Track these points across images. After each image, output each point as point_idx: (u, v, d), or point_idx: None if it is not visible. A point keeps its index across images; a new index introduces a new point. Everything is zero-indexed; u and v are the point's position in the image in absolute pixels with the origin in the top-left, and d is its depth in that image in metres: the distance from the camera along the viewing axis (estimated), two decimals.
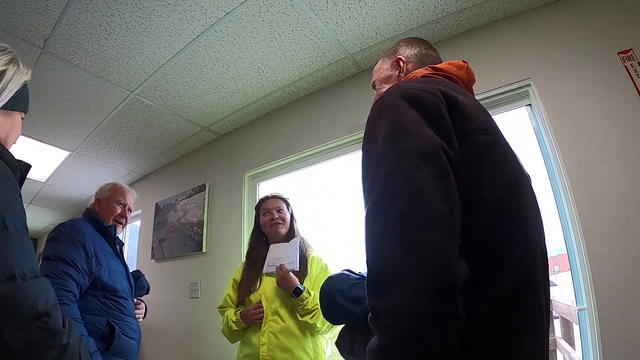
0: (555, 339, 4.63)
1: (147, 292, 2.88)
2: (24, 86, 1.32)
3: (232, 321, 2.45)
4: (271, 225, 2.64)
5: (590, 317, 2.05)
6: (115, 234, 2.57)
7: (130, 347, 2.30)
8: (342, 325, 1.42)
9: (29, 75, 1.34)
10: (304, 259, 2.53)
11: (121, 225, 2.68)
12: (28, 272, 0.99)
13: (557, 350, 4.58)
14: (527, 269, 0.90)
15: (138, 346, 2.42)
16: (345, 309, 1.31)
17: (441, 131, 0.90)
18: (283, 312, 2.38)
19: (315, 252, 2.68)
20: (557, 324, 4.89)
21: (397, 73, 1.41)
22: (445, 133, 0.91)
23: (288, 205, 2.78)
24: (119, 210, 2.64)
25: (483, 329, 0.81)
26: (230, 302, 2.61)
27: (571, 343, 4.42)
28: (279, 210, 2.69)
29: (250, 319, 2.41)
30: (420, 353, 0.71)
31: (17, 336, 0.90)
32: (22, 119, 1.38)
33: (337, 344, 1.39)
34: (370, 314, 0.80)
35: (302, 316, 2.33)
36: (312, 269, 2.53)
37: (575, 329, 4.30)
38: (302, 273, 2.45)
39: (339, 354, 1.39)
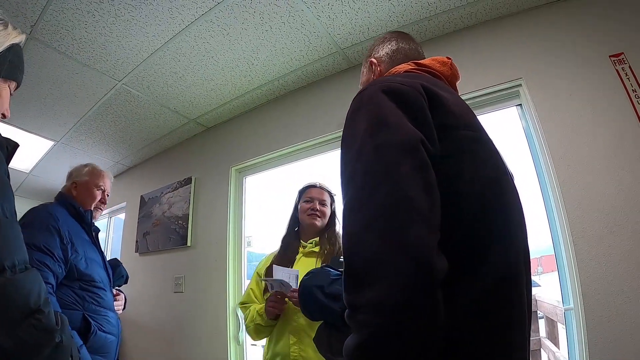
0: (539, 338, 4.67)
1: (126, 282, 2.74)
2: (9, 49, 1.18)
3: (259, 314, 2.25)
4: (309, 215, 2.47)
5: (576, 317, 2.06)
6: (91, 220, 2.44)
7: (108, 343, 2.18)
8: (320, 322, 1.40)
9: (20, 39, 1.21)
10: (340, 256, 2.27)
11: (100, 211, 2.57)
12: (18, 263, 0.92)
13: (542, 349, 4.62)
14: (509, 265, 0.89)
15: (117, 341, 2.29)
16: (324, 306, 1.29)
17: (421, 125, 0.89)
18: None
19: None
20: (541, 324, 4.93)
21: (372, 76, 1.41)
22: (425, 127, 0.89)
23: (333, 201, 2.59)
24: (100, 196, 2.52)
25: (466, 326, 0.80)
26: (253, 297, 2.42)
27: (555, 343, 4.45)
28: (322, 204, 2.51)
29: (270, 310, 2.19)
30: (398, 350, 0.69)
31: (8, 336, 0.84)
32: (10, 88, 1.23)
33: (315, 340, 1.37)
34: (347, 309, 0.78)
35: None
36: None
37: (560, 328, 4.33)
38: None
39: (317, 350, 1.37)
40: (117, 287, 2.58)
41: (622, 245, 2.00)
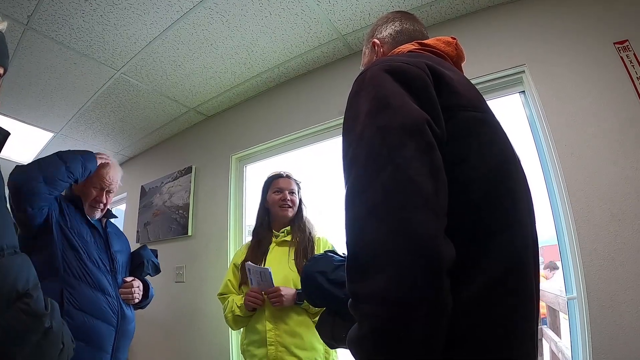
0: (541, 327, 4.66)
1: (152, 272, 2.55)
2: None
3: (237, 306, 2.33)
4: (280, 206, 2.52)
5: (580, 307, 2.05)
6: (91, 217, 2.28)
7: (90, 329, 1.96)
8: (323, 309, 1.39)
9: (3, 27, 1.20)
10: (310, 242, 2.46)
11: (95, 209, 2.31)
12: (7, 247, 0.90)
13: (544, 339, 4.61)
14: (516, 254, 0.85)
15: (114, 333, 2.09)
16: (327, 292, 1.28)
17: (426, 105, 0.85)
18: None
19: (320, 233, 2.58)
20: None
21: (374, 57, 1.36)
22: (430, 107, 0.86)
23: (299, 189, 2.66)
24: (94, 195, 2.29)
25: (469, 317, 0.77)
26: (231, 287, 2.51)
27: (557, 332, 4.44)
28: (292, 193, 2.57)
29: (249, 305, 2.29)
30: (403, 342, 0.67)
31: None
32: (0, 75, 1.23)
33: (318, 327, 1.36)
34: (350, 299, 0.75)
35: (314, 317, 2.27)
36: (320, 251, 2.36)
37: (562, 318, 4.32)
38: (309, 255, 2.36)
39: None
40: (136, 277, 2.40)
41: (626, 234, 1.99)
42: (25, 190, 1.87)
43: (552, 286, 4.22)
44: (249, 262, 2.33)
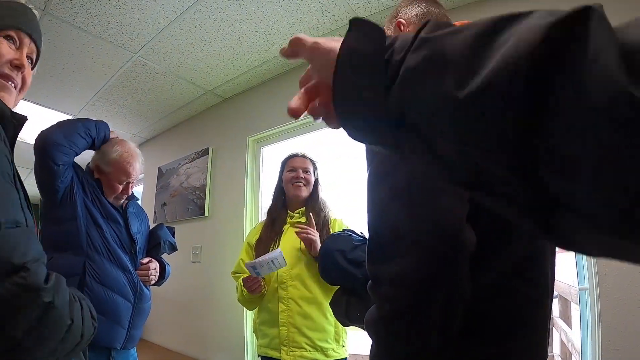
0: (552, 317, 4.61)
1: (169, 251, 2.58)
2: None
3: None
4: (293, 184, 2.49)
5: (591, 298, 2.03)
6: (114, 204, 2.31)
7: (110, 303, 2.01)
8: (338, 287, 1.40)
9: (38, 14, 1.20)
10: (326, 225, 2.45)
11: (118, 200, 2.33)
12: (5, 221, 0.86)
13: (554, 329, 4.58)
14: (535, 242, 0.84)
15: (132, 309, 2.15)
16: (345, 271, 1.28)
17: None
18: (305, 277, 2.31)
19: (335, 214, 2.58)
20: (555, 303, 4.86)
21: None
22: None
23: (315, 168, 2.62)
24: (120, 189, 2.28)
25: (486, 305, 0.76)
26: (243, 266, 2.46)
27: (568, 323, 4.41)
28: (306, 171, 2.53)
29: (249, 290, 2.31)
30: (421, 325, 0.68)
31: None
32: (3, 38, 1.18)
33: (332, 305, 1.37)
34: (370, 281, 0.76)
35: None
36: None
37: (573, 308, 4.29)
38: (324, 237, 2.33)
39: (332, 314, 1.36)
40: (153, 257, 2.42)
41: None
42: (48, 144, 1.94)
43: (564, 276, 4.18)
44: (248, 264, 2.27)
